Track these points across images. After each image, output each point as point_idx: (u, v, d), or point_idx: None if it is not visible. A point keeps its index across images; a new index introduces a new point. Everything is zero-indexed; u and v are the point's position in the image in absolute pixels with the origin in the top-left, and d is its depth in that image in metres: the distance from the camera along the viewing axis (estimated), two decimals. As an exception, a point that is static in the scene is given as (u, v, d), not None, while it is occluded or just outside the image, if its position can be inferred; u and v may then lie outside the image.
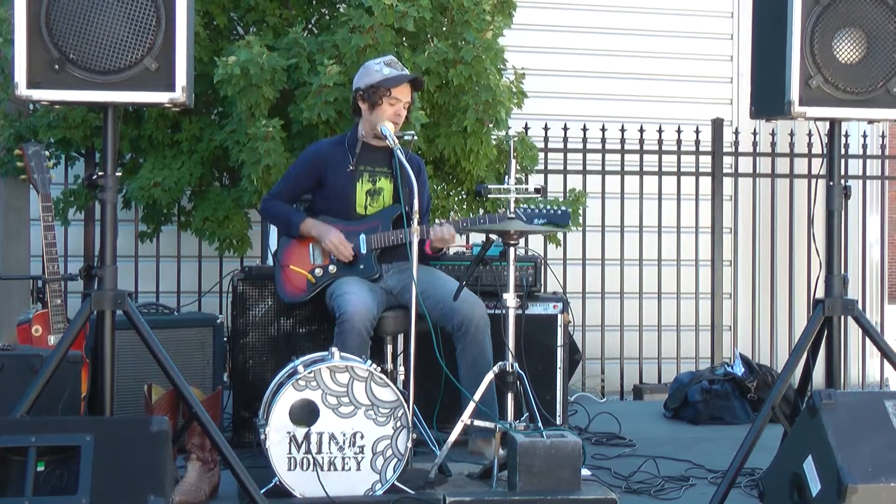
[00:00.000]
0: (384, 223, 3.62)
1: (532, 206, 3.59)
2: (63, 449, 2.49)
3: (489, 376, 3.34)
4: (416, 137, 3.62)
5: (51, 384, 2.74)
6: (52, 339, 3.68)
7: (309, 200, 3.80)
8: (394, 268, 3.61)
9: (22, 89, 2.65)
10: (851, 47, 2.91)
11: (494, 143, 4.46)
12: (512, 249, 3.37)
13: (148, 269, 5.09)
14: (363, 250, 3.61)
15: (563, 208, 3.64)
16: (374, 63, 3.63)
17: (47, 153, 3.97)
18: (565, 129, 5.40)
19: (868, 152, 5.83)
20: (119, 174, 2.84)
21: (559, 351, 4.02)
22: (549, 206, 3.63)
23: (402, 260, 3.52)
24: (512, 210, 3.42)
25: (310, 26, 4.61)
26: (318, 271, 3.62)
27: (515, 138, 4.26)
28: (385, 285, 3.62)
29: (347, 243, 3.58)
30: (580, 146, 5.45)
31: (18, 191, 4.85)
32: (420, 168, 3.72)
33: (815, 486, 2.69)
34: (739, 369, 4.78)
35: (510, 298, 3.35)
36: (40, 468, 2.47)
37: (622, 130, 5.48)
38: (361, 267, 3.61)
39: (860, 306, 3.16)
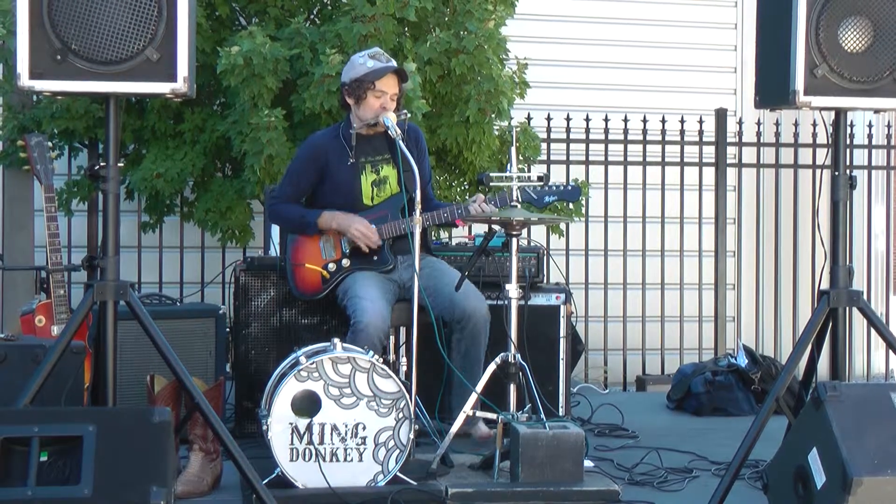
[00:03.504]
0: (392, 212, 3.59)
1: (540, 186, 3.56)
2: (66, 439, 2.49)
3: (491, 368, 3.34)
4: (409, 115, 3.61)
5: (54, 374, 2.75)
6: (55, 330, 3.68)
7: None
8: (408, 260, 3.57)
9: (24, 80, 2.64)
10: (857, 36, 2.89)
11: (497, 133, 4.45)
12: (514, 240, 3.37)
13: (151, 260, 5.09)
14: None
15: (573, 184, 3.61)
16: (359, 56, 3.58)
17: (50, 144, 3.96)
18: (568, 119, 5.39)
19: (873, 142, 5.81)
20: (122, 165, 2.84)
21: (562, 342, 4.01)
22: (559, 184, 3.60)
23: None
24: (518, 197, 3.41)
25: (312, 16, 4.59)
26: (332, 266, 3.59)
27: (518, 128, 4.25)
28: (399, 279, 3.59)
29: (372, 227, 3.55)
30: (583, 136, 5.43)
31: (22, 182, 4.85)
32: (418, 138, 3.69)
33: (819, 479, 2.68)
34: (743, 361, 4.77)
35: (512, 289, 3.35)
36: (43, 458, 2.47)
37: (625, 120, 5.46)
38: (375, 258, 3.58)
39: (865, 297, 3.13)
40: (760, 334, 5.78)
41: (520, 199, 3.41)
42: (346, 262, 3.58)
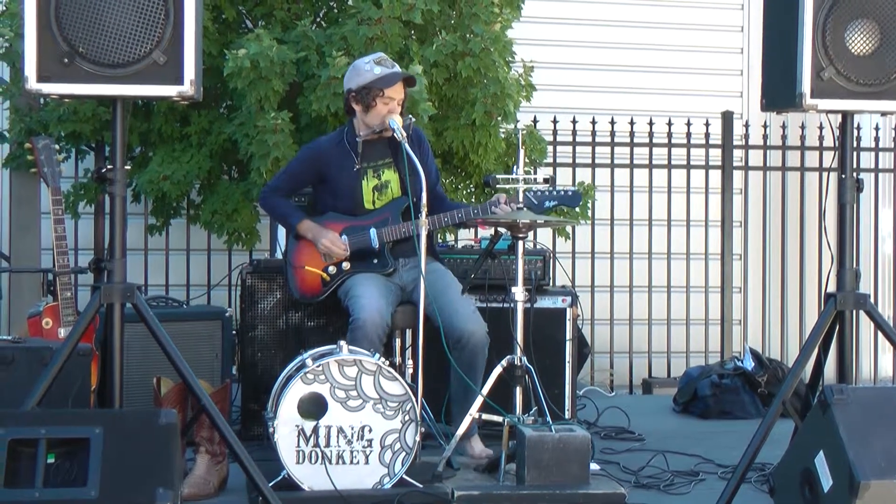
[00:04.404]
0: (394, 215, 3.60)
1: (541, 190, 3.56)
2: (73, 441, 2.50)
3: (497, 370, 3.33)
4: (413, 120, 3.61)
5: (61, 377, 2.76)
6: (62, 332, 3.69)
7: (309, 194, 3.78)
8: (410, 263, 3.58)
9: (32, 83, 2.66)
10: (864, 39, 2.89)
11: (503, 136, 4.45)
12: (521, 243, 3.37)
13: (157, 262, 5.11)
14: (374, 244, 3.58)
15: (574, 189, 3.60)
16: (364, 62, 3.57)
17: (57, 147, 3.98)
18: (574, 122, 5.39)
19: (880, 145, 5.80)
20: (128, 167, 2.85)
21: (568, 345, 4.00)
22: (559, 189, 3.60)
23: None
24: (521, 200, 3.41)
25: (318, 19, 4.60)
26: (332, 269, 3.60)
27: (524, 131, 4.25)
28: (400, 281, 3.59)
29: (339, 241, 3.56)
30: (589, 139, 5.43)
31: (29, 184, 4.86)
32: (421, 139, 3.69)
33: (826, 482, 2.67)
34: (749, 364, 4.76)
35: (519, 292, 3.35)
36: (50, 460, 2.48)
37: (631, 123, 5.45)
38: (375, 261, 3.58)
39: (872, 300, 3.13)
40: (767, 337, 5.77)
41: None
42: (346, 265, 3.59)
